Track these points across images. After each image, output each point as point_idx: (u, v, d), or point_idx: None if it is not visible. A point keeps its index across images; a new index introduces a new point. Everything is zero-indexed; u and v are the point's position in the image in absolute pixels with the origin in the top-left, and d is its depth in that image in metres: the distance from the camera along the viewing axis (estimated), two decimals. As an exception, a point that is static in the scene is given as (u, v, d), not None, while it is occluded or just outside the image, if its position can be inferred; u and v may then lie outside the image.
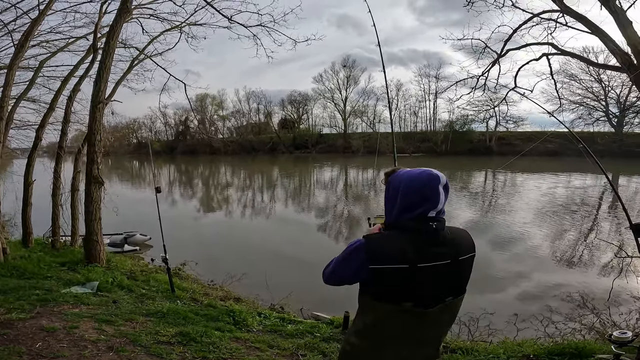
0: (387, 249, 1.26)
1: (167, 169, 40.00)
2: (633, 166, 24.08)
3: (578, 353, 2.80)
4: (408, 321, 1.30)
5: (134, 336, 3.05)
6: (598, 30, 5.06)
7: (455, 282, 1.33)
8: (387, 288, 1.26)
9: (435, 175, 1.30)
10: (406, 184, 1.31)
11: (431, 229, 1.28)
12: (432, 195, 1.28)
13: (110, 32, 5.45)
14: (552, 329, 5.08)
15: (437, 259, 1.26)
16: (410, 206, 1.28)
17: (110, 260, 5.74)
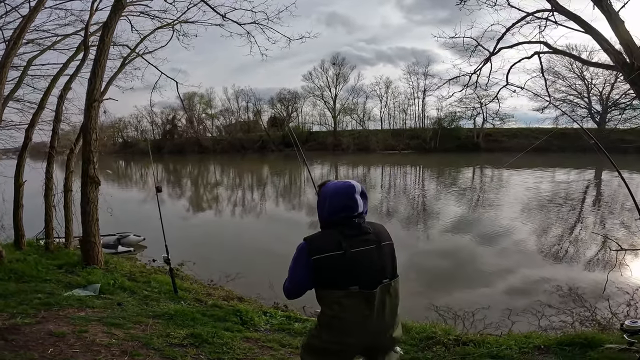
0: (324, 242, 1.57)
1: (155, 169, 39.29)
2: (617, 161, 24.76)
3: (587, 343, 2.87)
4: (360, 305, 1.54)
5: (146, 339, 3.00)
6: (591, 30, 5.17)
7: (385, 264, 1.61)
8: (332, 274, 1.54)
9: (352, 186, 1.64)
10: (331, 194, 1.65)
11: (355, 224, 1.60)
12: (351, 202, 1.61)
13: (105, 28, 5.33)
14: (545, 322, 5.16)
15: (365, 245, 1.58)
16: (335, 210, 1.62)
17: (109, 262, 5.63)
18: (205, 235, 11.99)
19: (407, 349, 3.09)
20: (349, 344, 1.61)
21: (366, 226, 1.63)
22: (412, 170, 33.13)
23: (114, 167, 40.14)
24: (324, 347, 1.65)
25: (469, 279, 7.88)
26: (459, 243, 10.54)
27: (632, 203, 10.37)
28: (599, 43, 5.10)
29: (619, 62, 4.81)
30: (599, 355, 2.67)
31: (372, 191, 21.88)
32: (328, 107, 49.56)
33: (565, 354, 2.82)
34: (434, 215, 14.78)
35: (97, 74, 5.29)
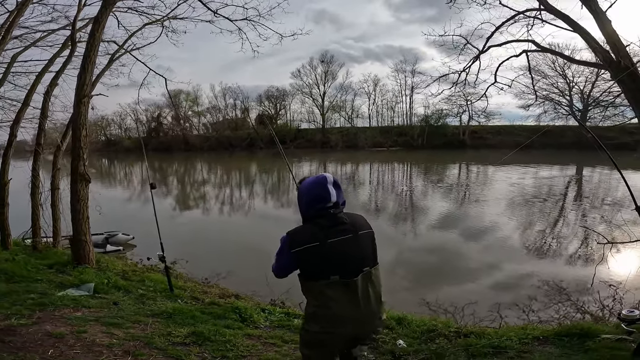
0: (301, 235, 1.65)
1: (140, 167, 38.55)
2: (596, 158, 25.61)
3: (585, 334, 2.94)
4: (342, 291, 1.59)
5: (147, 339, 2.96)
6: (580, 29, 5.30)
7: (363, 252, 1.67)
8: (311, 265, 1.61)
9: (324, 177, 1.72)
10: (306, 188, 1.72)
11: (330, 215, 1.66)
12: (324, 193, 1.67)
13: (95, 23, 5.21)
14: (533, 316, 5.27)
15: (342, 234, 1.63)
16: (310, 203, 1.69)
17: (100, 261, 5.51)
18: (194, 234, 11.84)
19: (409, 342, 3.13)
20: (337, 334, 1.64)
21: (342, 216, 1.69)
22: (400, 167, 33.45)
23: (97, 165, 39.25)
24: (314, 338, 1.69)
25: (456, 274, 7.99)
26: (446, 239, 10.70)
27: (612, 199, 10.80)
28: (586, 42, 5.24)
29: (606, 60, 4.95)
30: (596, 345, 2.74)
31: (360, 188, 22.02)
32: (316, 105, 49.59)
33: (563, 344, 2.89)
34: (421, 211, 14.99)
35: (86, 69, 5.16)
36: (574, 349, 2.80)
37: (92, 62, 5.24)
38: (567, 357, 2.66)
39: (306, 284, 1.66)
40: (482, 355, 2.79)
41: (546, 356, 2.70)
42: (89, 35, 5.28)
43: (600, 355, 2.61)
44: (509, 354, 2.79)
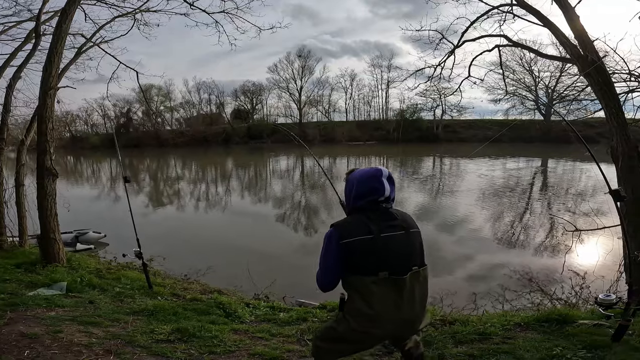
0: (352, 227, 1.55)
1: (108, 164, 36.96)
2: (561, 151, 27.01)
3: (563, 319, 3.06)
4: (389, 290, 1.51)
5: (129, 337, 2.84)
6: (550, 24, 5.50)
7: (414, 251, 1.60)
8: (361, 258, 1.51)
9: (379, 169, 1.64)
10: (358, 179, 1.64)
11: (382, 209, 1.60)
12: (378, 186, 1.60)
13: (63, 15, 4.97)
14: (507, 305, 5.45)
15: (393, 230, 1.56)
16: (361, 195, 1.61)
17: (71, 260, 5.24)
18: (169, 232, 11.52)
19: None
20: (374, 334, 1.57)
21: (393, 212, 1.63)
22: (377, 160, 33.89)
23: (63, 163, 37.28)
24: (345, 335, 1.61)
25: (434, 266, 8.19)
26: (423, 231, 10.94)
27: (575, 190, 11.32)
28: (556, 37, 5.44)
29: (574, 55, 5.17)
30: (575, 330, 2.85)
31: (338, 182, 22.08)
32: (293, 99, 49.25)
33: (544, 329, 3.00)
34: (397, 204, 15.22)
35: (53, 61, 4.93)
36: (554, 334, 2.89)
37: (58, 54, 5.03)
38: (549, 342, 2.74)
39: (351, 279, 1.56)
40: (469, 341, 2.86)
41: (529, 342, 2.77)
42: (56, 27, 5.05)
43: (580, 340, 2.69)
44: (494, 340, 2.87)
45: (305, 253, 9.35)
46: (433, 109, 42.89)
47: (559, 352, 2.57)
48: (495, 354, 2.63)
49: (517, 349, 2.66)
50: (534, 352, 2.60)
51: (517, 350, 2.63)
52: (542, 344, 2.73)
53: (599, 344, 2.62)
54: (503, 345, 2.76)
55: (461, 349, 2.73)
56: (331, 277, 1.61)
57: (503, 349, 2.69)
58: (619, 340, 2.62)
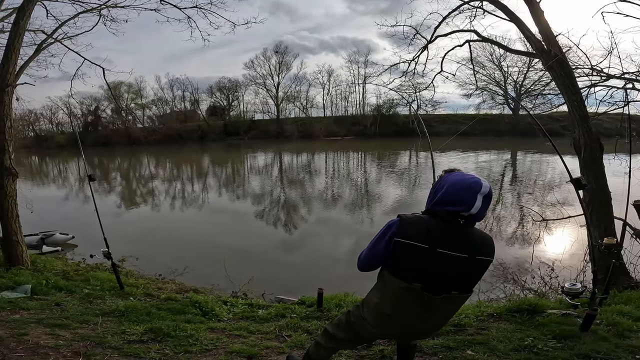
0: (414, 227, 1.40)
1: (75, 163, 35.36)
2: (529, 144, 28.13)
3: (533, 309, 3.17)
4: (415, 302, 1.41)
5: (99, 338, 2.74)
6: (516, 19, 5.69)
7: (466, 278, 1.44)
8: (405, 263, 1.39)
9: (478, 182, 1.41)
10: (452, 182, 1.44)
11: (458, 224, 1.40)
12: (468, 199, 1.39)
13: (20, 12, 4.80)
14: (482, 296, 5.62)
15: (456, 250, 1.38)
16: (445, 201, 1.42)
17: (36, 262, 4.99)
18: (143, 232, 11.20)
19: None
20: (388, 333, 1.57)
21: (471, 231, 1.43)
22: (355, 155, 34.17)
23: (27, 163, 35.33)
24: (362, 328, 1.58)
25: None
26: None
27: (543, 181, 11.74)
28: (522, 31, 5.64)
29: (539, 49, 5.38)
30: (545, 320, 2.95)
31: (316, 177, 22.19)
32: (271, 95, 48.70)
33: (515, 320, 3.10)
34: (376, 198, 15.46)
35: (10, 58, 4.75)
36: (525, 324, 2.99)
37: (16, 51, 4.83)
38: (520, 333, 2.83)
39: (385, 273, 1.46)
40: (445, 333, 2.91)
41: (502, 332, 2.85)
42: (13, 24, 4.86)
43: (550, 330, 2.78)
44: (469, 331, 2.94)
45: (284, 249, 9.33)
46: (409, 104, 43.63)
47: (530, 342, 2.65)
48: (470, 344, 2.70)
49: (490, 340, 2.73)
50: (507, 342, 2.68)
51: (491, 341, 2.71)
52: (514, 334, 2.81)
53: (568, 333, 2.70)
54: (477, 336, 2.83)
55: (437, 341, 2.78)
56: (372, 264, 1.52)
57: (477, 339, 2.77)
58: (587, 329, 2.71)
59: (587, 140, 5.11)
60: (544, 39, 5.41)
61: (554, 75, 5.34)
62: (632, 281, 4.68)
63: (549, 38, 5.31)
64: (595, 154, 5.10)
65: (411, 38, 7.96)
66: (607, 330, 2.75)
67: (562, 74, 5.17)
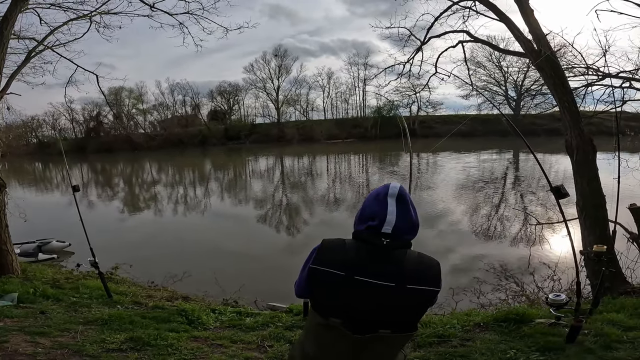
0: (333, 252, 1.18)
1: (79, 169, 35.62)
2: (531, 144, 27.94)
3: (520, 319, 3.08)
4: (338, 342, 1.18)
5: (77, 346, 2.74)
6: (505, 18, 5.65)
7: (396, 312, 1.15)
8: (321, 294, 1.19)
9: (385, 186, 1.21)
10: (368, 197, 1.26)
11: (380, 244, 1.14)
12: (379, 208, 1.17)
13: (4, 21, 4.82)
14: (483, 299, 5.57)
15: (378, 278, 1.12)
16: (362, 218, 1.21)
17: (27, 270, 5.01)
18: (146, 237, 11.20)
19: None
20: None
21: (399, 254, 1.15)
22: (356, 158, 34.14)
23: (30, 170, 35.68)
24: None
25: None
26: None
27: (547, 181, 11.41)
28: (511, 31, 5.58)
29: (528, 49, 5.32)
30: (531, 331, 2.87)
31: (318, 180, 22.18)
32: (271, 99, 48.85)
33: (502, 330, 3.02)
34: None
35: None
36: (511, 335, 2.91)
37: (1, 61, 4.85)
38: (505, 344, 2.75)
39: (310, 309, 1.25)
40: (427, 344, 2.86)
41: (487, 343, 2.78)
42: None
43: (535, 342, 2.71)
44: (453, 343, 2.87)
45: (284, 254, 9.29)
46: (409, 106, 43.58)
47: (513, 355, 2.58)
48: (452, 357, 2.64)
49: (472, 352, 2.67)
50: (489, 355, 2.62)
51: (473, 354, 2.65)
52: (498, 345, 2.74)
53: (553, 345, 2.62)
54: (460, 348, 2.77)
55: (419, 353, 2.72)
56: (302, 292, 1.30)
57: (460, 352, 2.70)
58: (573, 341, 2.61)
59: (579, 142, 5.03)
60: (533, 38, 5.35)
61: (544, 75, 5.27)
62: (628, 287, 4.57)
63: (538, 37, 5.25)
64: (588, 156, 5.01)
65: (406, 40, 7.96)
66: (594, 342, 2.66)
67: (552, 73, 5.11)
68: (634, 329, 2.88)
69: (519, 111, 39.15)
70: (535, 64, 5.33)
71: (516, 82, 39.26)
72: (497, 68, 38.72)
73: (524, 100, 38.09)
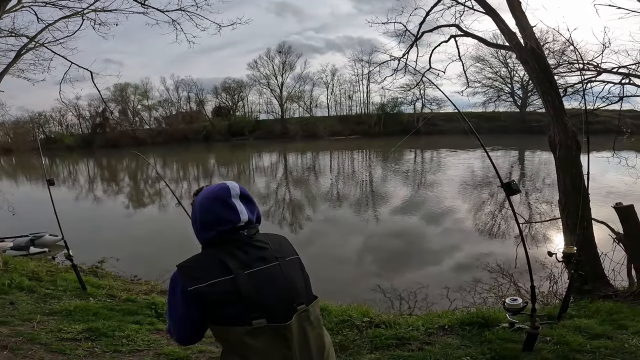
0: (203, 266, 1.13)
1: (85, 164, 36.15)
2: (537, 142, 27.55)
3: (485, 322, 3.00)
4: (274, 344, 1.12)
5: (32, 335, 2.79)
6: (491, 11, 5.52)
7: (296, 285, 1.20)
8: (223, 307, 1.10)
9: (225, 188, 1.20)
10: (200, 202, 1.21)
11: (244, 237, 1.19)
12: (226, 212, 1.17)
13: None
14: (477, 298, 5.54)
15: (263, 262, 1.17)
16: (208, 224, 1.18)
17: (8, 263, 5.10)
18: (150, 232, 11.41)
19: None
20: None
21: (261, 239, 1.23)
22: (359, 154, 34.02)
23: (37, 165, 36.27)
24: None
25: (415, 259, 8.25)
26: (406, 224, 11.01)
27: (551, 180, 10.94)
28: (496, 24, 5.44)
29: (512, 41, 5.20)
30: (492, 336, 2.79)
31: (321, 176, 22.12)
32: (275, 95, 48.89)
33: (464, 334, 2.93)
34: (382, 198, 15.33)
35: None
36: (472, 339, 2.83)
37: None
38: (464, 349, 2.67)
39: (218, 331, 1.15)
40: (385, 347, 2.79)
41: (445, 348, 2.71)
42: None
43: (492, 348, 2.62)
44: (412, 346, 2.80)
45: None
46: (413, 103, 43.25)
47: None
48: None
49: (428, 357, 2.61)
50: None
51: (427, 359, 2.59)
52: (456, 351, 2.67)
53: (509, 353, 2.54)
54: (417, 352, 2.70)
55: (374, 356, 2.67)
56: (187, 332, 1.18)
57: (415, 356, 2.64)
58: (530, 349, 2.51)
59: (562, 138, 4.91)
60: (520, 31, 5.23)
61: (528, 69, 5.16)
62: (610, 290, 4.45)
63: (524, 29, 5.12)
64: (571, 153, 4.88)
65: (402, 35, 7.86)
66: (552, 351, 2.55)
67: (537, 67, 4.99)
68: (600, 337, 2.76)
69: (525, 108, 38.56)
70: (519, 57, 5.21)
71: (522, 79, 38.62)
72: (503, 65, 38.13)
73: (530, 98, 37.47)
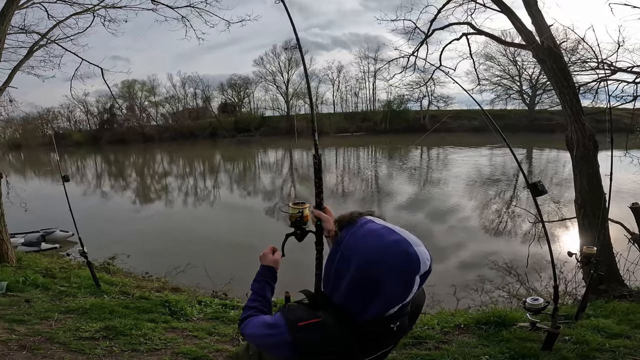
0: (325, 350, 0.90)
1: (93, 160, 36.43)
2: (545, 140, 27.26)
3: (502, 321, 2.98)
4: None
5: (51, 334, 2.80)
6: (507, 9, 5.43)
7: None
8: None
9: (413, 258, 0.86)
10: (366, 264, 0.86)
11: (390, 332, 0.93)
12: (405, 292, 0.88)
13: (1, 17, 4.93)
14: (485, 297, 5.47)
15: (385, 347, 1.01)
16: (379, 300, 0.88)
17: (22, 259, 5.15)
18: (156, 228, 11.46)
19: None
20: None
21: (405, 321, 0.97)
22: (365, 151, 33.89)
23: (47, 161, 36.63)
24: None
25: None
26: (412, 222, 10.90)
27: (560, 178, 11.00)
28: (512, 22, 5.36)
29: (529, 40, 5.11)
30: (510, 335, 2.77)
31: (327, 173, 22.08)
32: (280, 92, 48.79)
33: (481, 333, 2.92)
34: (387, 195, 15.31)
35: None
36: (490, 338, 2.81)
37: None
38: (482, 348, 2.65)
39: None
40: (402, 346, 2.78)
41: (462, 347, 2.69)
42: None
43: (510, 347, 2.60)
44: (428, 345, 2.79)
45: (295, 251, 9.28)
46: (419, 100, 42.93)
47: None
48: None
49: (445, 356, 2.59)
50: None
51: (445, 358, 2.57)
52: (473, 350, 2.64)
53: (528, 352, 2.52)
54: (434, 352, 2.68)
55: (391, 355, 2.66)
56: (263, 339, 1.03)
57: (433, 355, 2.63)
58: (549, 349, 2.50)
59: (579, 137, 4.84)
60: (536, 30, 5.15)
61: (545, 68, 5.07)
62: (625, 290, 4.41)
63: (541, 29, 5.04)
64: (589, 152, 4.82)
65: (411, 32, 7.77)
66: (572, 350, 2.54)
67: (554, 66, 4.91)
68: (619, 337, 2.76)
69: (534, 107, 38.08)
70: (536, 55, 5.13)
71: (531, 77, 38.13)
72: (511, 63, 37.64)
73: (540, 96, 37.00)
